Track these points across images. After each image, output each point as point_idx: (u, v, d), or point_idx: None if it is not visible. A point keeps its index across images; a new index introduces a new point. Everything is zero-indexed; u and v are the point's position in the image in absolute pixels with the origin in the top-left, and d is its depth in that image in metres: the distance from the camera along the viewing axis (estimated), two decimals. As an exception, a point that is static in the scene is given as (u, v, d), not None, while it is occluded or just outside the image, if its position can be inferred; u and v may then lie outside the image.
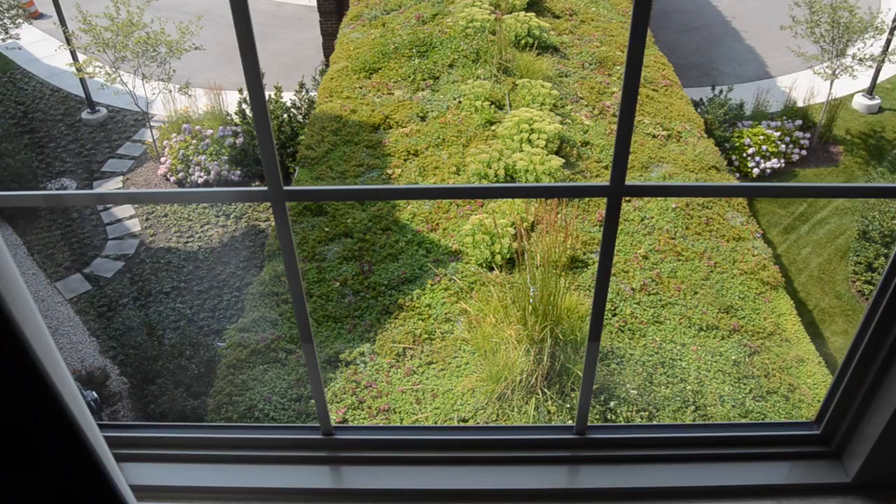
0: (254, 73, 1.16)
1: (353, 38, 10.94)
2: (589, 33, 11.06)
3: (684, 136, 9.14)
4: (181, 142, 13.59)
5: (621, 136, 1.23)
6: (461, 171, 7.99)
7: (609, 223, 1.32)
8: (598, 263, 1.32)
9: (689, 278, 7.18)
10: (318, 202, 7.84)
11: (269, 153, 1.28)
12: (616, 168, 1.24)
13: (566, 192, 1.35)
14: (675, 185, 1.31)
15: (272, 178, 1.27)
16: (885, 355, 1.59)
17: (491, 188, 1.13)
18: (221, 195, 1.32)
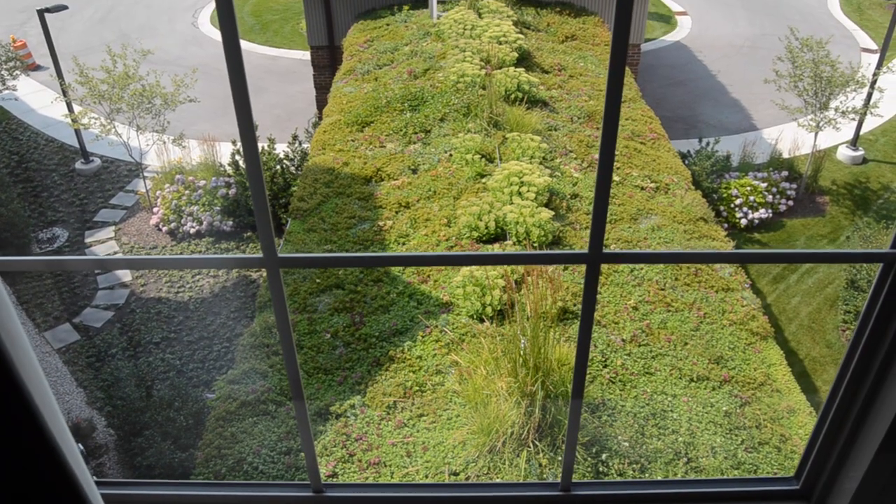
0: (252, 150, 1.22)
1: (346, 92, 11.14)
2: (577, 88, 11.29)
3: (672, 188, 9.27)
4: (174, 192, 13.67)
5: (598, 206, 1.28)
6: (452, 224, 8.07)
7: (588, 289, 1.36)
8: (578, 327, 1.36)
9: (679, 329, 7.21)
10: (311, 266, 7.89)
11: (265, 221, 1.32)
12: (594, 236, 1.29)
13: (547, 260, 1.39)
14: (651, 253, 1.36)
15: (267, 245, 1.31)
16: (858, 410, 1.62)
17: (474, 256, 1.17)
18: (217, 262, 1.36)
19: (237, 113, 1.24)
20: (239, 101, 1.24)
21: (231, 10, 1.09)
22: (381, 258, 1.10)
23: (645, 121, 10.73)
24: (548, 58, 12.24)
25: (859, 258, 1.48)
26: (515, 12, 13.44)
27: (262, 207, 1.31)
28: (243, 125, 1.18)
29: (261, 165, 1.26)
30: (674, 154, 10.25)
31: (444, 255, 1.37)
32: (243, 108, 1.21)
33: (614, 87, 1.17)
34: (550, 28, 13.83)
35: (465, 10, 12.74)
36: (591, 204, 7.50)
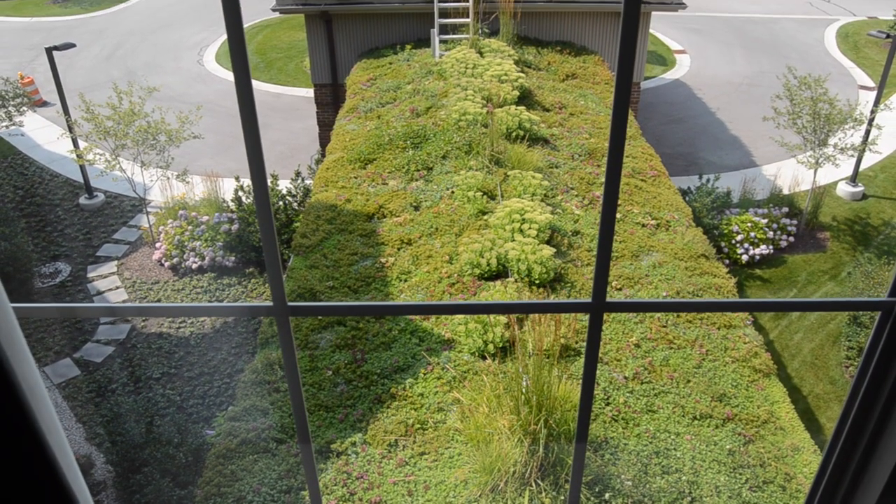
0: (264, 200, 1.25)
1: (349, 130, 11.26)
2: (578, 126, 11.41)
3: (673, 225, 9.32)
4: (177, 228, 13.74)
5: (601, 256, 1.31)
6: (454, 260, 8.10)
7: (592, 338, 1.38)
8: (582, 375, 1.38)
9: (681, 366, 7.19)
10: (313, 293, 7.91)
11: (275, 270, 1.35)
12: (597, 285, 1.31)
13: (549, 309, 1.41)
14: (653, 302, 1.38)
15: (277, 294, 1.34)
16: (859, 457, 1.62)
17: (481, 305, 1.19)
18: (227, 310, 1.39)
19: (251, 171, 1.28)
20: (254, 165, 1.27)
21: (244, 51, 1.13)
22: (391, 307, 1.12)
23: (645, 158, 10.81)
24: (549, 96, 12.38)
25: (858, 306, 1.50)
26: (516, 51, 13.63)
27: (273, 256, 1.34)
28: (258, 182, 1.21)
29: (272, 217, 1.29)
30: (674, 191, 10.32)
31: (453, 304, 1.40)
32: (258, 172, 1.25)
33: (615, 152, 1.20)
34: (551, 67, 14.01)
35: (466, 50, 12.92)
36: (593, 241, 7.54)
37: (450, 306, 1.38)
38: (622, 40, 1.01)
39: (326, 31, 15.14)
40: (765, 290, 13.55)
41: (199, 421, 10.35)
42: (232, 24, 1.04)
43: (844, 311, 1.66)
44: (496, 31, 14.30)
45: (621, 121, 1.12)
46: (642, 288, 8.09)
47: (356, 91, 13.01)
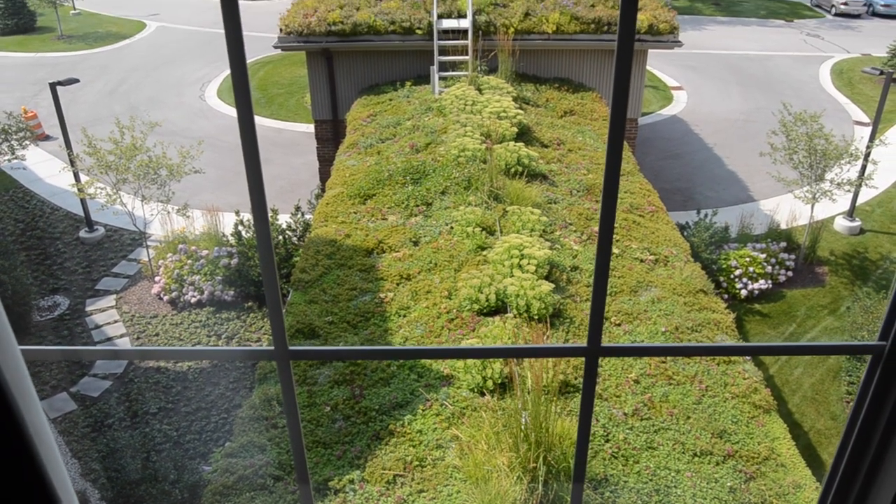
0: (266, 246, 1.28)
1: (350, 165, 11.34)
2: (576, 162, 11.51)
3: (671, 261, 9.35)
4: (176, 262, 13.76)
5: (596, 300, 1.33)
6: (453, 296, 8.11)
7: (587, 382, 1.40)
8: (578, 418, 1.39)
9: (681, 402, 7.16)
10: (311, 328, 7.90)
11: (277, 313, 1.37)
12: (593, 329, 1.33)
13: (545, 353, 1.43)
14: (649, 347, 1.40)
15: (279, 337, 1.36)
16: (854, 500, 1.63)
17: (480, 350, 1.20)
18: (229, 354, 1.41)
19: (255, 216, 1.30)
20: (258, 210, 1.30)
21: (247, 87, 1.16)
22: (389, 351, 1.12)
23: (643, 194, 10.89)
24: (547, 132, 12.50)
25: (848, 350, 1.52)
26: (515, 88, 13.79)
27: (275, 300, 1.37)
28: (260, 225, 1.24)
29: (274, 262, 1.32)
30: (672, 226, 10.37)
31: (450, 349, 1.42)
32: (261, 215, 1.28)
33: (609, 198, 1.24)
34: (549, 103, 14.17)
35: (465, 87, 13.08)
36: (592, 276, 7.55)
37: (447, 351, 1.40)
38: (615, 78, 1.05)
39: (327, 68, 15.33)
40: (764, 325, 13.54)
41: (195, 457, 10.27)
42: (235, 60, 1.08)
43: (834, 354, 1.67)
44: (495, 69, 14.49)
45: (614, 170, 1.15)
46: (641, 323, 8.09)
47: (356, 127, 13.14)
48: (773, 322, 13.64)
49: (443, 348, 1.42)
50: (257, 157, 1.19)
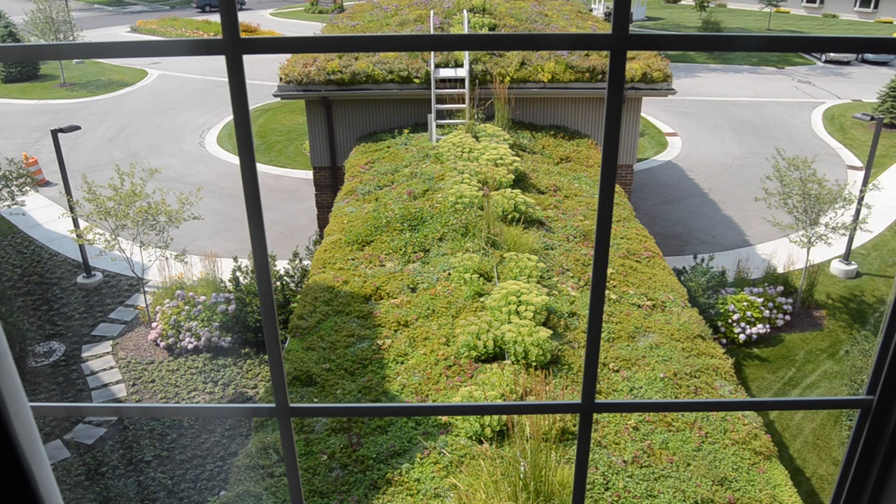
0: (268, 300, 1.31)
1: (348, 212, 11.43)
2: (573, 208, 11.60)
3: (668, 306, 9.36)
4: (174, 307, 13.76)
5: (590, 355, 1.35)
6: (451, 342, 8.11)
7: (582, 440, 1.42)
8: (574, 477, 1.41)
9: (680, 449, 7.11)
10: (309, 376, 7.87)
11: (279, 370, 1.39)
12: (586, 385, 1.35)
13: (539, 410, 1.45)
14: (644, 403, 1.42)
15: (280, 395, 1.38)
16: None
17: (481, 406, 1.22)
18: (230, 411, 1.42)
19: (259, 278, 1.34)
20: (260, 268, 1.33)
21: (249, 136, 1.21)
22: (392, 409, 1.14)
23: (640, 239, 10.95)
24: (543, 179, 12.63)
25: (837, 405, 1.54)
26: (511, 136, 13.97)
27: (276, 355, 1.39)
28: (262, 281, 1.27)
29: (275, 317, 1.35)
30: (669, 272, 10.41)
31: (451, 406, 1.44)
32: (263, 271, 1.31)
33: (600, 260, 1.27)
34: (545, 150, 14.34)
35: (462, 134, 13.25)
36: (587, 319, 7.58)
37: (445, 408, 1.42)
38: (606, 126, 1.09)
39: (326, 116, 15.54)
40: (763, 370, 13.50)
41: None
42: (239, 108, 1.12)
43: (824, 409, 1.66)
44: (491, 117, 14.70)
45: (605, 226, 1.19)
46: (639, 369, 8.07)
47: (354, 174, 13.27)
48: (773, 366, 13.60)
49: (441, 406, 1.44)
50: (259, 211, 1.24)
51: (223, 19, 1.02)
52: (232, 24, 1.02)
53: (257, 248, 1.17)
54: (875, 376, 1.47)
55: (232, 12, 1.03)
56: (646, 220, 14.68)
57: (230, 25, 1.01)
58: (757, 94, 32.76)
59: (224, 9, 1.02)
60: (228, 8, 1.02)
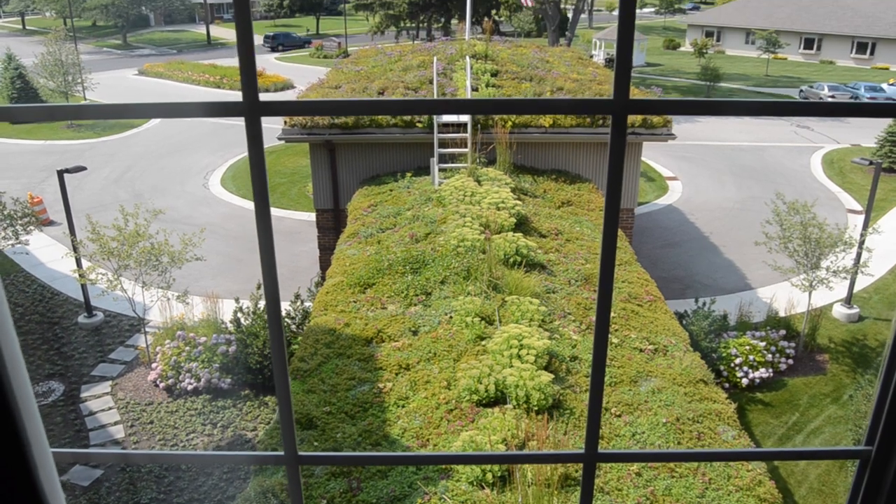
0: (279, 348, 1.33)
1: (350, 255, 11.48)
2: (574, 252, 11.65)
3: (670, 350, 9.34)
4: (174, 348, 13.73)
5: (593, 404, 1.37)
6: (452, 386, 8.08)
7: (585, 488, 1.42)
8: (579, 529, 1.41)
9: (684, 496, 7.03)
10: (309, 419, 7.83)
11: (287, 416, 1.41)
12: (590, 434, 1.37)
13: (542, 459, 1.46)
14: (647, 453, 1.43)
15: (289, 442, 1.39)
16: None
17: (484, 456, 1.23)
18: (237, 458, 1.43)
19: (271, 331, 1.37)
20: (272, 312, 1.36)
21: (265, 183, 1.24)
22: (401, 458, 1.14)
23: (641, 283, 10.98)
24: (545, 223, 12.71)
25: (836, 455, 1.55)
26: (513, 180, 14.10)
27: (286, 402, 1.41)
28: (274, 328, 1.30)
29: (286, 362, 1.37)
30: (671, 315, 10.41)
31: (452, 456, 1.45)
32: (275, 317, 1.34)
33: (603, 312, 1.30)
34: (547, 194, 14.45)
35: (465, 178, 13.37)
36: (590, 366, 7.55)
37: (447, 457, 1.43)
38: (610, 171, 1.13)
39: (330, 159, 15.70)
40: (767, 415, 13.40)
41: (186, 552, 9.97)
42: (256, 168, 1.16)
43: (822, 459, 1.66)
44: (493, 161, 14.86)
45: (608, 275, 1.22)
46: (642, 414, 8.03)
47: (357, 216, 13.35)
48: (776, 411, 13.50)
49: (444, 455, 1.45)
50: (274, 267, 1.27)
51: (243, 82, 1.07)
52: (251, 87, 1.06)
53: (270, 301, 1.20)
54: (873, 427, 1.48)
55: (252, 75, 1.08)
56: (647, 263, 14.72)
57: (250, 88, 1.06)
58: (756, 138, 33.09)
59: (244, 72, 1.07)
60: (248, 71, 1.07)
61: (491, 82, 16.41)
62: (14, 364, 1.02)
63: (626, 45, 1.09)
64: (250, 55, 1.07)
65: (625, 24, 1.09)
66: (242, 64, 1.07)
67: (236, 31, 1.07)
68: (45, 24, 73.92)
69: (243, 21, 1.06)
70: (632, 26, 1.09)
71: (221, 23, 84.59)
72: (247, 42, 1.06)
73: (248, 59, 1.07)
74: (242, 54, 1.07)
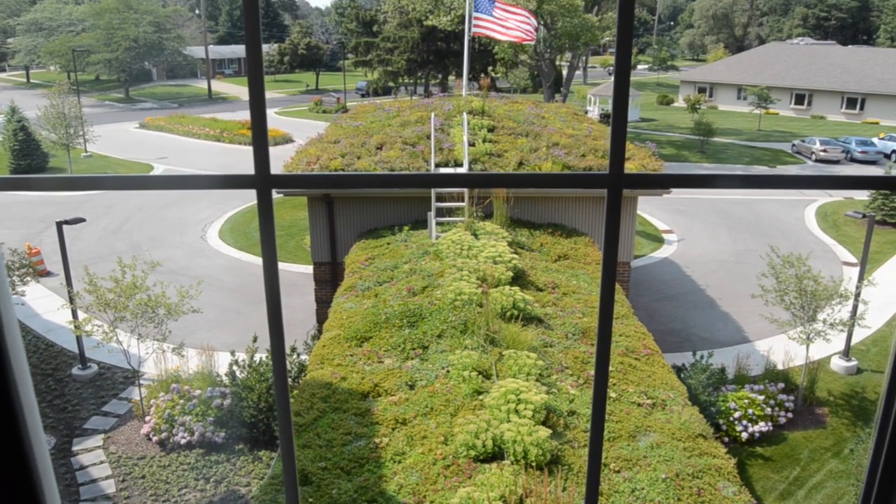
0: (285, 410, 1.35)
1: (347, 308, 11.47)
2: (571, 305, 11.67)
3: (669, 404, 9.29)
4: (168, 401, 13.60)
5: (592, 470, 1.39)
6: (449, 441, 8.00)
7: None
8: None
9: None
10: (304, 475, 7.73)
11: (291, 475, 1.42)
12: (589, 491, 1.38)
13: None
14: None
15: (291, 500, 1.40)
16: None
17: None
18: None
19: (276, 380, 1.39)
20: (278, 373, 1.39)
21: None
22: None
23: (638, 337, 10.97)
24: (542, 276, 12.75)
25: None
26: (510, 233, 14.20)
27: (291, 469, 1.42)
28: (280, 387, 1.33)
29: (291, 426, 1.39)
30: (668, 369, 10.37)
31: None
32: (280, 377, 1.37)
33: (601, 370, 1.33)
34: (543, 248, 14.54)
35: (462, 232, 13.46)
36: (589, 421, 7.51)
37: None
38: (605, 243, 1.17)
39: (328, 213, 15.82)
40: (767, 469, 13.24)
41: None
42: (266, 239, 1.20)
43: None
44: (490, 215, 14.98)
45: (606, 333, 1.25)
46: (641, 470, 7.94)
47: (354, 269, 13.39)
48: (777, 465, 13.35)
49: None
50: (282, 332, 1.30)
51: (256, 155, 1.12)
52: (263, 160, 1.11)
53: (278, 367, 1.23)
54: (866, 496, 1.50)
55: (264, 149, 1.13)
56: (644, 316, 14.71)
57: (262, 161, 1.11)
58: (751, 191, 33.44)
59: (256, 145, 1.12)
60: (260, 144, 1.12)
61: (487, 138, 16.65)
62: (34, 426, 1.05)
63: (620, 120, 1.15)
64: (263, 130, 1.12)
65: (619, 101, 1.14)
66: (255, 138, 1.12)
67: (250, 107, 1.12)
68: (48, 78, 75.18)
69: (257, 98, 1.11)
70: (626, 102, 1.14)
71: (223, 78, 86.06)
72: (260, 117, 1.12)
73: (261, 133, 1.12)
74: (255, 129, 1.12)
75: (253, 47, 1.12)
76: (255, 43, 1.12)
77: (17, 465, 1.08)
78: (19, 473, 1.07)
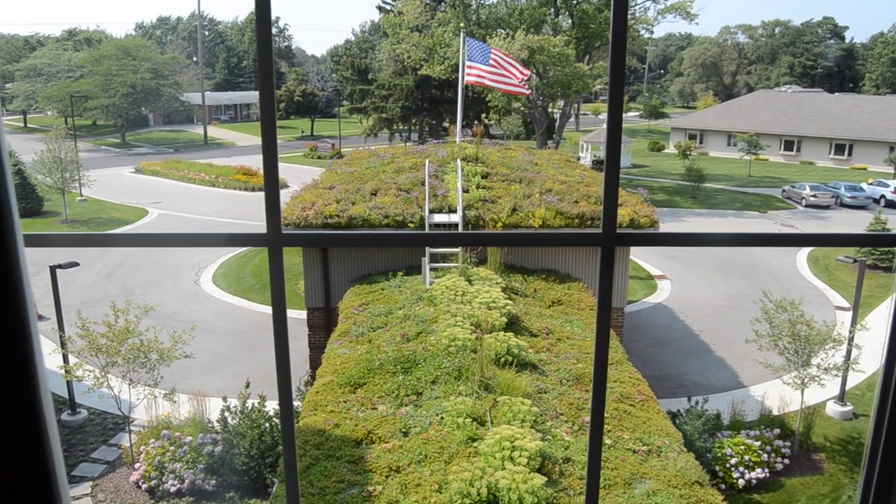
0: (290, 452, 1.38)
1: (340, 354, 11.44)
2: (565, 351, 11.67)
3: (664, 451, 9.24)
4: (158, 448, 13.43)
5: None
6: (443, 489, 7.93)
7: None
8: None
9: None
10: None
11: None
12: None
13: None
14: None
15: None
16: None
17: None
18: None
19: (282, 425, 1.43)
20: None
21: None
22: None
23: (633, 382, 10.95)
24: (536, 322, 12.77)
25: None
26: (504, 279, 14.24)
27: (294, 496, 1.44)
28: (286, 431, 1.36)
29: (297, 478, 1.42)
30: (663, 415, 10.34)
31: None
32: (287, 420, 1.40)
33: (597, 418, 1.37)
34: (537, 293, 14.58)
35: (456, 278, 13.51)
36: (584, 468, 7.47)
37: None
38: (599, 299, 1.21)
39: (322, 258, 15.86)
40: (766, 516, 13.10)
41: None
42: (276, 295, 1.24)
43: None
44: (484, 260, 15.05)
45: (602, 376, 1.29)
46: (637, 519, 7.87)
47: (348, 315, 13.38)
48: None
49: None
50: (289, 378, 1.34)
51: (268, 214, 1.17)
52: (275, 219, 1.17)
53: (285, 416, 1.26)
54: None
55: (276, 208, 1.18)
56: (638, 362, 14.71)
57: (273, 220, 1.16)
58: (742, 237, 33.64)
59: (269, 203, 1.18)
60: (272, 203, 1.18)
61: (481, 184, 16.82)
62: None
63: (613, 178, 1.21)
64: (275, 189, 1.18)
65: (611, 161, 1.20)
66: (267, 196, 1.18)
67: (263, 168, 1.18)
68: (45, 123, 75.68)
69: (270, 157, 1.17)
70: (618, 163, 1.20)
71: (219, 124, 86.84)
72: (272, 177, 1.17)
73: (273, 191, 1.17)
74: (268, 189, 1.17)
75: (267, 111, 1.18)
76: (268, 103, 1.19)
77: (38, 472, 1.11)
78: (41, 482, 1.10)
